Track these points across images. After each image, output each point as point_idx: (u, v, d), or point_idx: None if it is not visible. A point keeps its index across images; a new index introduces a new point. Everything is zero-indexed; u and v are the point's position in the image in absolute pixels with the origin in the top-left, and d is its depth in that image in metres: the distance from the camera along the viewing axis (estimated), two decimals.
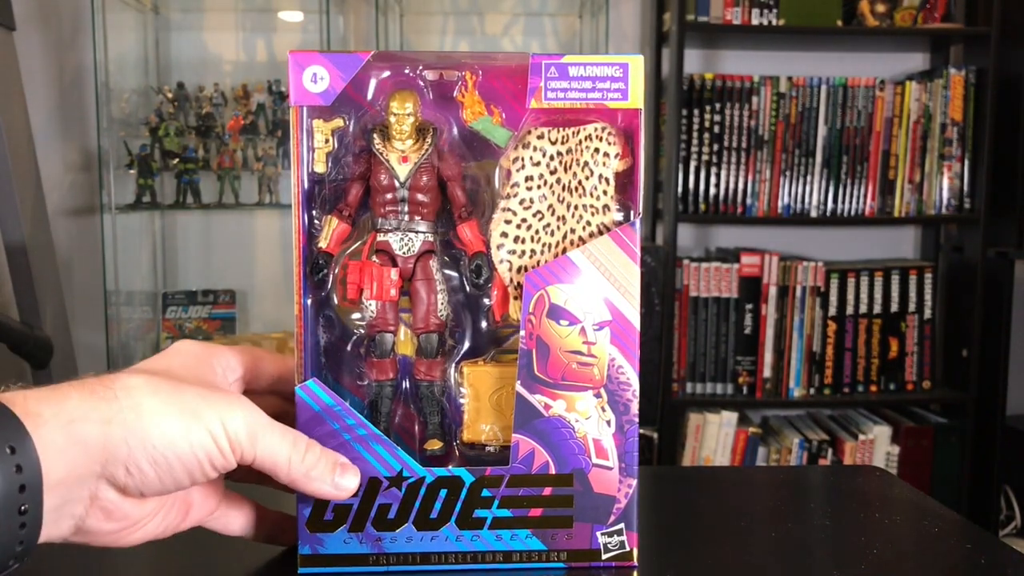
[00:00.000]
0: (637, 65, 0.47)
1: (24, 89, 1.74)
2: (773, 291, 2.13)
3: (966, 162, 2.16)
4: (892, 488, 0.63)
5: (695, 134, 2.13)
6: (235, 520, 0.47)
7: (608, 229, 0.47)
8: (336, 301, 0.47)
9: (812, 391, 2.16)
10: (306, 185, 0.46)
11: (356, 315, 0.48)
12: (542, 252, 0.48)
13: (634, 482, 0.47)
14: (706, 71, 2.25)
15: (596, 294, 0.46)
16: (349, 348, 0.48)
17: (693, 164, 2.13)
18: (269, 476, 0.43)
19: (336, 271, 0.47)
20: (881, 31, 2.14)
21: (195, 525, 0.45)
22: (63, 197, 2.22)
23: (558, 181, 0.48)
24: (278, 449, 0.42)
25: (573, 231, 0.48)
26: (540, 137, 0.48)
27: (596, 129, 0.47)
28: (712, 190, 2.13)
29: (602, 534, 0.47)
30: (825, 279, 2.14)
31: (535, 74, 0.46)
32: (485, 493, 0.46)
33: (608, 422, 0.47)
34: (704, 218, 2.20)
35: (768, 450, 2.15)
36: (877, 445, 2.15)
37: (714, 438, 2.14)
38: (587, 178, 0.48)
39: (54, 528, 0.37)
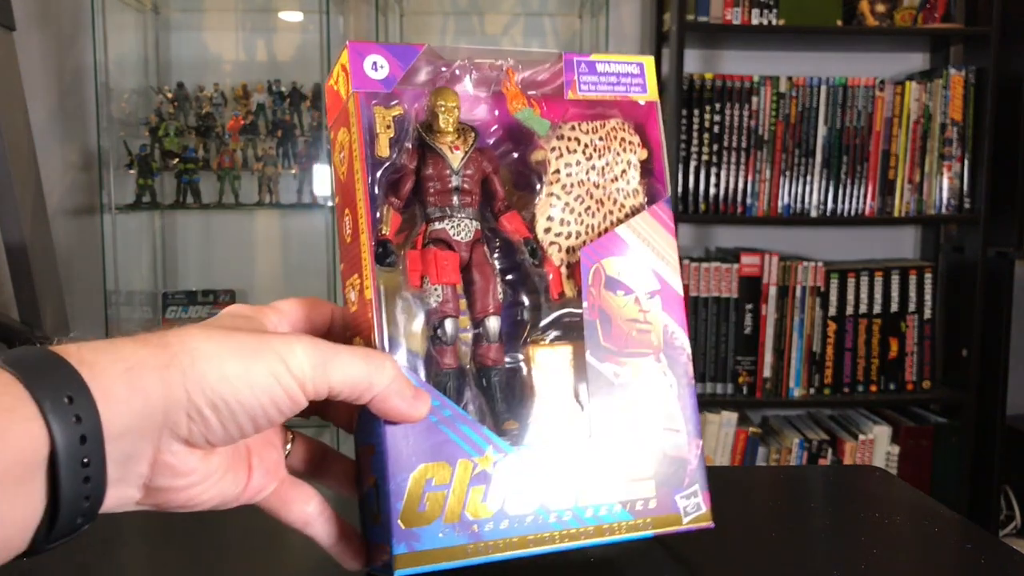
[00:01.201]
0: (650, 64, 0.53)
1: (24, 89, 1.74)
2: (773, 291, 2.13)
3: (966, 162, 2.15)
4: (892, 488, 0.63)
5: (695, 134, 2.13)
6: (297, 506, 0.44)
7: (639, 209, 0.51)
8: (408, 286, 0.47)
9: (812, 391, 2.16)
10: (371, 173, 0.46)
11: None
12: (586, 232, 0.51)
13: (701, 443, 0.49)
14: (706, 71, 2.25)
15: (644, 265, 0.50)
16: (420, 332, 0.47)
17: (693, 164, 2.13)
18: (345, 413, 0.41)
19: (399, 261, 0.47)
20: (881, 31, 2.14)
21: (256, 496, 0.42)
22: (63, 197, 2.22)
23: (593, 167, 0.51)
24: (354, 370, 0.39)
25: (611, 212, 0.51)
26: (572, 129, 0.51)
27: (618, 123, 0.52)
28: (712, 190, 2.13)
29: (680, 497, 0.48)
30: (825, 279, 2.14)
31: (568, 70, 0.50)
32: (570, 466, 0.46)
33: (671, 385, 0.49)
34: (704, 218, 2.20)
35: (768, 450, 2.15)
36: (877, 445, 2.15)
37: (714, 438, 2.14)
38: (617, 164, 0.52)
39: (122, 489, 0.36)
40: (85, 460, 0.33)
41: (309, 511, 0.44)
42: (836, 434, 2.18)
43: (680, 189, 2.12)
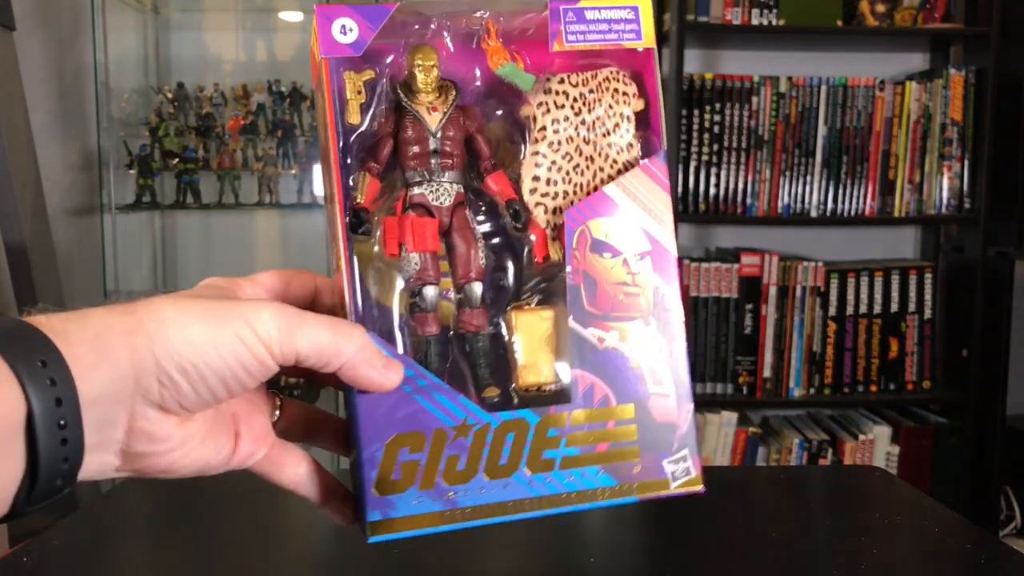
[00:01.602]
0: (647, 6, 0.49)
1: (24, 89, 1.74)
2: (773, 291, 2.13)
3: (966, 162, 2.15)
4: (892, 488, 0.63)
5: (695, 134, 2.13)
6: (289, 469, 0.44)
7: (633, 165, 0.49)
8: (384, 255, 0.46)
9: (812, 391, 2.16)
10: (341, 139, 0.45)
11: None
12: (575, 192, 0.49)
13: (691, 406, 0.47)
14: (706, 71, 2.25)
15: (634, 225, 0.48)
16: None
17: (693, 164, 2.13)
18: (320, 376, 0.41)
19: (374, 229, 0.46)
20: (881, 31, 2.14)
21: (246, 461, 0.43)
22: (63, 197, 2.22)
23: (583, 122, 0.49)
24: (321, 336, 0.40)
25: (602, 169, 0.49)
26: (561, 82, 0.49)
27: (612, 72, 0.49)
28: (712, 190, 2.13)
29: (668, 462, 0.47)
30: (825, 279, 2.14)
31: (554, 19, 0.48)
32: (551, 433, 0.45)
33: (659, 348, 0.47)
34: (704, 218, 2.20)
35: (768, 450, 2.15)
36: (877, 445, 2.15)
37: (714, 438, 2.14)
38: (609, 118, 0.49)
39: (100, 455, 0.37)
40: (61, 422, 0.33)
41: (300, 473, 0.45)
42: (836, 434, 2.18)
43: (680, 189, 2.12)
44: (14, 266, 1.66)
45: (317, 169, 2.15)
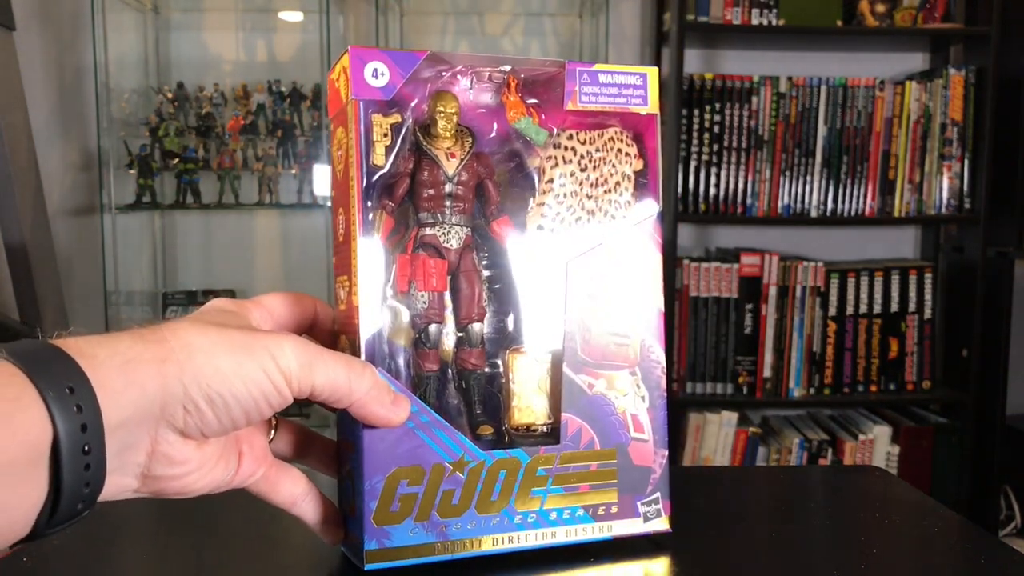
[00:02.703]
0: (654, 76, 0.53)
1: (24, 89, 1.74)
2: (773, 291, 2.13)
3: (966, 162, 2.15)
4: (892, 488, 0.63)
5: (695, 134, 2.13)
6: (284, 488, 0.46)
7: (630, 222, 0.52)
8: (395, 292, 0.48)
9: (812, 391, 2.16)
10: (365, 180, 0.46)
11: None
12: (575, 244, 0.51)
13: (665, 452, 0.51)
14: (706, 71, 2.25)
15: (628, 280, 0.51)
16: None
17: (693, 164, 2.13)
18: (330, 407, 0.42)
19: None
20: (881, 31, 2.14)
21: (246, 481, 0.44)
22: (63, 197, 2.22)
23: (587, 178, 0.52)
24: (336, 374, 0.41)
25: (601, 223, 0.51)
26: (570, 138, 0.51)
27: (616, 132, 0.52)
28: (712, 190, 2.13)
29: (642, 503, 0.51)
30: (825, 279, 2.14)
31: (570, 80, 0.51)
32: (540, 472, 0.48)
33: (643, 398, 0.51)
34: (704, 218, 2.20)
35: (768, 450, 2.15)
36: (877, 445, 2.15)
37: (714, 438, 2.14)
38: (612, 176, 0.52)
39: (120, 478, 0.37)
40: (86, 448, 0.34)
41: (297, 492, 0.46)
42: (836, 434, 2.18)
43: (680, 189, 2.12)
44: (14, 266, 1.66)
45: (317, 169, 2.15)
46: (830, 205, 2.15)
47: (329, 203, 2.14)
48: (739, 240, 2.33)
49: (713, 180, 2.13)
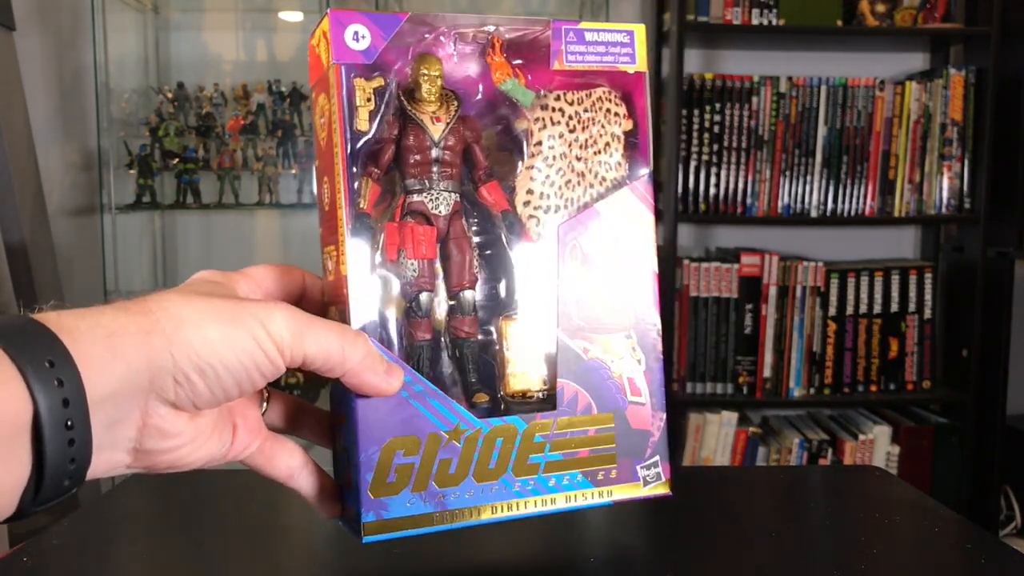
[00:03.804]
0: (641, 32, 0.51)
1: (24, 89, 1.74)
2: (773, 291, 2.13)
3: (966, 162, 2.15)
4: (892, 488, 0.63)
5: (695, 134, 2.13)
6: (281, 461, 0.45)
7: (621, 183, 0.51)
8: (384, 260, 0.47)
9: (812, 391, 2.16)
10: (349, 146, 0.45)
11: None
12: (566, 205, 0.51)
13: (664, 415, 0.51)
14: (706, 71, 2.25)
15: (620, 242, 0.50)
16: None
17: (693, 164, 2.13)
18: (321, 377, 0.42)
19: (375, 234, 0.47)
20: (881, 31, 2.14)
21: (241, 454, 0.44)
22: (63, 197, 2.22)
23: (576, 140, 0.51)
24: (328, 343, 0.40)
25: (592, 186, 0.51)
26: (558, 99, 0.50)
27: (604, 91, 0.51)
28: (712, 190, 2.13)
29: (641, 467, 0.50)
30: (825, 279, 2.14)
31: (556, 38, 0.49)
32: (537, 439, 0.47)
33: (639, 361, 0.50)
34: (704, 218, 2.20)
35: (768, 450, 2.15)
36: (877, 445, 2.15)
37: (714, 438, 2.14)
38: (601, 137, 0.51)
39: (111, 454, 0.37)
40: (68, 423, 0.33)
41: (293, 465, 0.45)
42: (836, 434, 2.18)
43: (680, 189, 2.12)
44: (14, 266, 1.66)
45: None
46: (830, 205, 2.15)
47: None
48: (739, 240, 2.33)
49: (713, 180, 2.13)
